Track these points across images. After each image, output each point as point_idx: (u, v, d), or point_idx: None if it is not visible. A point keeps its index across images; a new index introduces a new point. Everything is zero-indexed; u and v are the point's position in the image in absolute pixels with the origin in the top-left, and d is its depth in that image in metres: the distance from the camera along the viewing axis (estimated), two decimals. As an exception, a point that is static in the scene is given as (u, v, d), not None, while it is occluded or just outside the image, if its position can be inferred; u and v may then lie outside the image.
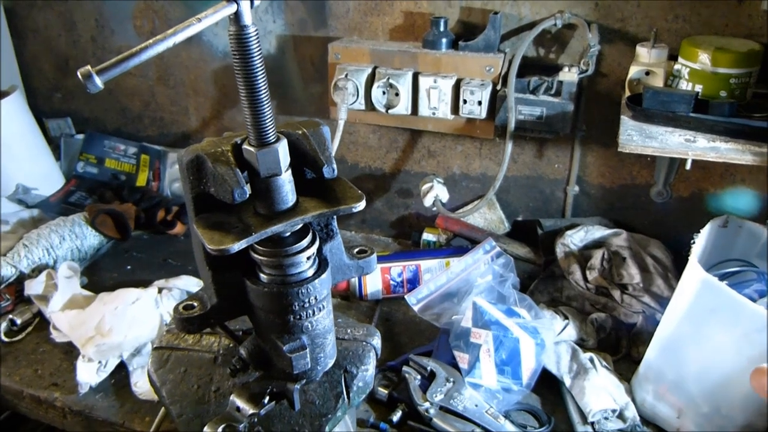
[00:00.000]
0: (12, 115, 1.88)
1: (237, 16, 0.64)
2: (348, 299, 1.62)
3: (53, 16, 2.02)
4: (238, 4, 0.63)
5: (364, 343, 0.93)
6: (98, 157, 2.10)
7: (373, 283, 1.59)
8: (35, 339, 1.47)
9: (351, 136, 1.83)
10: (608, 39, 1.48)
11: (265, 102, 0.68)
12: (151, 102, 2.05)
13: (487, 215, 1.78)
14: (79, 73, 0.56)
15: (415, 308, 1.46)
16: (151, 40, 0.59)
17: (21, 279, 1.58)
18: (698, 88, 1.30)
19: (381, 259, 1.60)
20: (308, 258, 0.77)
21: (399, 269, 1.60)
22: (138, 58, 0.58)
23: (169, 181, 2.06)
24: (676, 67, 1.34)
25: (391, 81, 1.55)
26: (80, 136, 2.15)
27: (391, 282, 1.59)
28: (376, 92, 1.57)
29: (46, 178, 2.03)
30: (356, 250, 0.88)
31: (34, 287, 1.52)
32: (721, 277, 1.13)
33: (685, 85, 1.32)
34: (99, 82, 0.57)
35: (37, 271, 1.60)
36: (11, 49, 2.11)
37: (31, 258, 1.62)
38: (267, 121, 0.69)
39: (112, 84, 2.06)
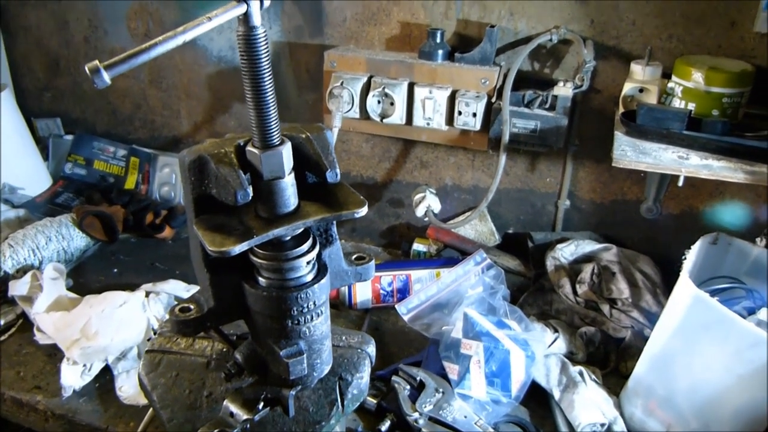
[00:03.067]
0: (0, 113, 1.86)
1: (246, 17, 0.63)
2: (337, 308, 1.60)
3: (46, 15, 2.00)
4: (248, 5, 0.62)
5: (359, 350, 0.92)
6: (87, 158, 2.08)
7: (362, 292, 1.58)
8: (18, 340, 1.45)
9: (344, 145, 1.83)
10: (603, 55, 1.50)
11: (271, 104, 0.68)
12: (142, 104, 2.04)
13: (478, 227, 1.78)
14: (87, 68, 0.55)
15: (405, 318, 1.45)
16: (160, 37, 0.58)
17: (5, 279, 1.55)
18: (691, 106, 1.32)
19: (371, 268, 1.59)
20: (308, 263, 0.76)
21: (389, 279, 1.59)
22: (147, 54, 0.58)
23: (158, 184, 2.04)
24: (670, 85, 1.36)
25: (386, 90, 1.55)
26: (69, 137, 2.13)
27: (381, 291, 1.59)
28: (371, 101, 1.58)
29: (34, 178, 2.00)
30: (354, 256, 0.87)
31: (18, 288, 1.49)
32: (711, 294, 1.14)
33: (678, 103, 1.34)
34: (107, 77, 0.56)
35: (22, 271, 1.57)
36: (2, 46, 2.09)
37: (16, 258, 1.59)
38: (272, 123, 0.68)
39: (104, 85, 2.04)
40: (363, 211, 0.73)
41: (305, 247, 0.75)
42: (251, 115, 0.68)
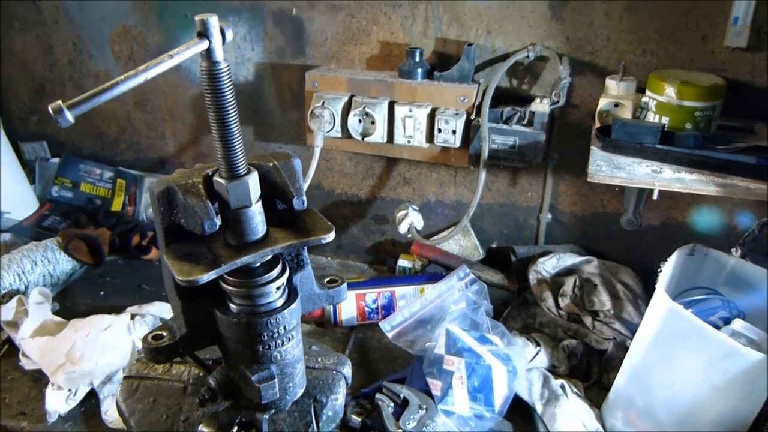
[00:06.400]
0: (-14, 138, 1.87)
1: (209, 53, 0.65)
2: (323, 326, 1.61)
3: (31, 39, 2.01)
4: (210, 41, 0.64)
5: (334, 371, 0.93)
6: (73, 181, 2.09)
7: (347, 310, 1.59)
8: (3, 366, 1.45)
9: (327, 163, 1.84)
10: (579, 71, 1.52)
11: (236, 135, 0.69)
12: (128, 127, 2.05)
13: (461, 242, 1.79)
14: (50, 108, 0.57)
15: (389, 335, 1.46)
16: (122, 76, 0.60)
17: (-9, 304, 1.56)
18: (665, 120, 1.34)
19: (356, 285, 1.60)
20: (278, 288, 0.77)
21: (374, 296, 1.60)
22: (110, 93, 0.59)
23: (144, 205, 2.05)
24: (644, 99, 1.38)
25: (367, 109, 1.57)
26: (55, 160, 2.14)
27: (366, 308, 1.60)
28: (353, 120, 1.59)
29: (20, 201, 2.01)
30: (326, 279, 0.88)
31: (4, 313, 1.50)
32: (688, 305, 1.15)
33: (652, 117, 1.36)
34: (70, 116, 0.58)
35: (7, 296, 1.58)
36: (-13, 71, 2.10)
37: (1, 283, 1.59)
38: (237, 154, 0.70)
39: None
40: (330, 237, 0.74)
41: (275, 273, 0.76)
42: (216, 146, 0.70)
